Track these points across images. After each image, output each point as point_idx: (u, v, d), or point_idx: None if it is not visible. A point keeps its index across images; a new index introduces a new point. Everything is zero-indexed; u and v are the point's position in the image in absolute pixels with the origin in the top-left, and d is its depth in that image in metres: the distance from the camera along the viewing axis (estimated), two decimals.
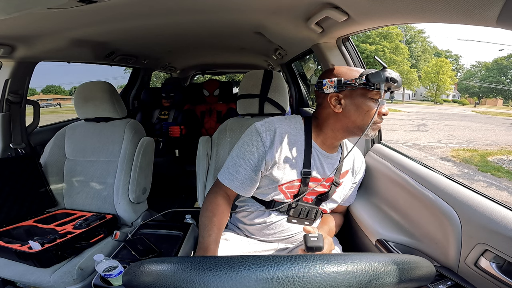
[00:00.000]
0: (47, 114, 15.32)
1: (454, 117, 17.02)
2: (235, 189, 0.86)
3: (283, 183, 0.85)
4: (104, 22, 1.14)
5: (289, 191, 0.87)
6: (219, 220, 0.82)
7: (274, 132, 0.83)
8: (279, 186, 0.85)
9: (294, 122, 0.88)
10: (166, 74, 3.91)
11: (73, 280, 0.98)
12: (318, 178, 0.87)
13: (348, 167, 0.95)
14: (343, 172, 0.93)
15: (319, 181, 0.87)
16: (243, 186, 0.85)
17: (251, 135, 0.85)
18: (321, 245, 0.75)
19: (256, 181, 0.85)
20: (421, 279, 0.40)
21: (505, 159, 7.33)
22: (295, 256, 0.36)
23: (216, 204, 0.85)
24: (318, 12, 0.87)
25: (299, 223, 0.91)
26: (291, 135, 0.85)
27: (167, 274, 0.34)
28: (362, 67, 1.19)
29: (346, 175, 0.94)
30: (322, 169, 0.87)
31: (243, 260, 0.35)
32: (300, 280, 0.33)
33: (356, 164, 0.98)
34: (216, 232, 0.79)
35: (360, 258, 0.37)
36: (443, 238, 0.73)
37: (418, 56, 33.03)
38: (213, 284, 0.32)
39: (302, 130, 0.86)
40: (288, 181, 0.84)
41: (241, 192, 0.86)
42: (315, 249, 0.75)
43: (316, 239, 0.76)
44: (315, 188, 0.88)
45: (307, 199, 0.91)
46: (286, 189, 0.86)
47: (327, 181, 0.88)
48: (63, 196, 1.38)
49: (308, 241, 0.75)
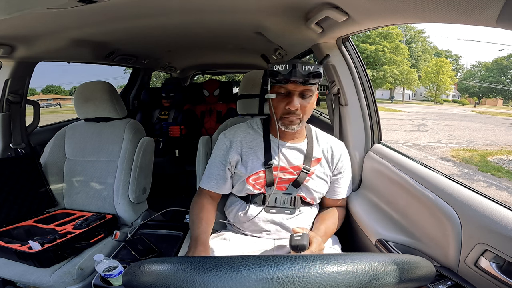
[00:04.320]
0: (47, 114, 15.31)
1: (454, 117, 17.02)
2: (211, 188, 0.96)
3: (249, 176, 0.94)
4: (104, 22, 1.14)
5: (257, 183, 0.94)
6: (206, 215, 0.92)
7: (233, 135, 0.98)
8: (246, 180, 0.94)
9: (254, 123, 1.02)
10: (166, 74, 3.91)
11: (73, 280, 0.98)
12: (283, 166, 0.94)
13: (319, 155, 0.98)
14: (314, 159, 0.96)
15: (285, 170, 0.94)
16: (218, 184, 0.96)
17: (218, 141, 1.00)
18: (304, 244, 0.76)
19: (227, 178, 0.96)
20: (421, 279, 0.40)
21: (505, 159, 7.33)
22: (295, 256, 0.36)
23: (201, 204, 0.95)
24: (318, 12, 0.87)
25: (278, 212, 0.95)
26: (250, 135, 0.97)
27: (167, 274, 0.34)
28: (362, 67, 1.19)
29: (318, 163, 0.97)
30: (285, 158, 0.94)
31: (243, 260, 0.35)
32: (300, 280, 0.33)
33: (333, 154, 0.99)
34: (204, 225, 0.88)
35: (360, 258, 0.37)
36: (443, 238, 0.73)
37: (418, 56, 33.03)
38: (213, 284, 0.32)
39: (260, 129, 0.99)
40: (253, 173, 0.93)
41: (217, 189, 0.96)
42: (298, 248, 0.76)
43: (300, 238, 0.77)
44: (283, 176, 0.94)
45: (280, 188, 0.95)
46: (253, 181, 0.94)
47: (294, 168, 0.94)
48: (63, 196, 1.38)
49: (292, 240, 0.78)
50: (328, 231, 0.96)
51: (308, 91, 0.85)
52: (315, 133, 1.02)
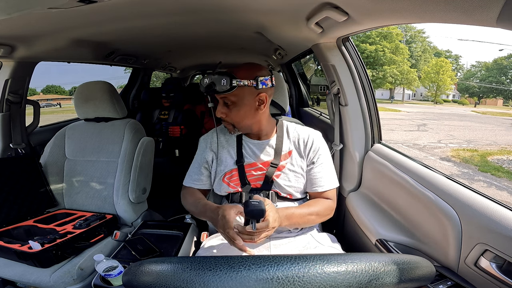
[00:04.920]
0: (47, 114, 15.32)
1: (454, 117, 17.02)
2: (190, 184, 1.02)
3: (223, 174, 0.98)
4: (104, 22, 1.14)
5: (232, 181, 0.97)
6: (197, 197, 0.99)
7: (211, 136, 1.04)
8: (222, 179, 0.98)
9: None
10: (166, 74, 3.91)
11: (73, 280, 0.98)
12: (253, 163, 0.97)
13: (290, 148, 0.98)
14: (284, 153, 0.97)
15: (255, 166, 0.97)
16: (194, 180, 1.02)
17: (198, 144, 1.07)
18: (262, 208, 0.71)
19: (202, 173, 1.01)
20: (421, 279, 0.40)
21: (505, 159, 7.33)
22: (295, 256, 0.36)
23: (186, 197, 1.01)
24: (318, 12, 0.87)
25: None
26: (226, 136, 1.03)
27: (167, 274, 0.34)
28: (362, 67, 1.19)
29: (289, 156, 0.97)
30: (255, 155, 0.97)
31: (243, 260, 0.35)
32: (300, 280, 0.33)
33: (305, 145, 0.97)
34: (203, 202, 0.94)
35: (360, 258, 0.37)
36: (443, 238, 0.73)
37: (418, 56, 33.03)
38: (213, 284, 0.32)
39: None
40: (227, 172, 0.97)
41: (194, 185, 1.02)
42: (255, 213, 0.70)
43: (257, 203, 0.71)
44: (254, 173, 0.96)
45: (255, 185, 0.97)
46: (228, 179, 0.98)
47: (264, 164, 0.96)
48: (63, 196, 1.38)
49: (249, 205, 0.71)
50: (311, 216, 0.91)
51: (226, 99, 0.88)
52: (286, 127, 1.02)
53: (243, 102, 0.88)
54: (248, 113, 0.90)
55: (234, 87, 0.83)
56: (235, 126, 0.93)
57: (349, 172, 1.25)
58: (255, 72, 0.87)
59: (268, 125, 0.98)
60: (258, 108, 0.90)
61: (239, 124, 0.92)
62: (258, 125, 0.95)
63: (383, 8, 0.69)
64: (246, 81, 0.85)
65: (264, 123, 0.97)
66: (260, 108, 0.91)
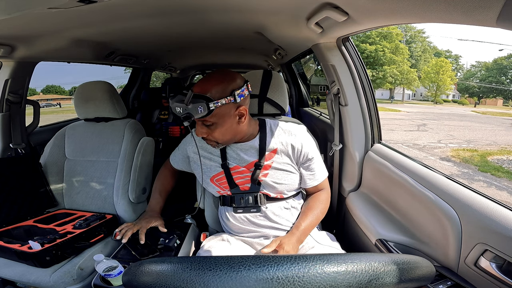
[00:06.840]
0: (47, 114, 15.32)
1: (454, 117, 17.02)
2: (172, 162, 1.15)
3: (212, 176, 1.01)
4: (104, 22, 1.14)
5: (221, 183, 1.00)
6: (160, 184, 1.17)
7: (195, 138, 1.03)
8: (210, 180, 1.01)
9: None
10: (166, 74, 3.91)
11: (73, 280, 0.98)
12: (237, 165, 0.98)
13: (275, 146, 0.97)
14: (269, 152, 0.97)
15: (239, 168, 0.98)
16: (176, 161, 1.14)
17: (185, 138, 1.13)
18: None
19: (183, 161, 1.11)
20: (421, 279, 0.40)
21: (505, 159, 7.33)
22: (295, 256, 0.36)
23: (162, 173, 1.20)
24: (318, 12, 0.87)
25: (246, 211, 0.99)
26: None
27: (167, 274, 0.34)
28: (362, 67, 1.19)
29: (275, 153, 0.97)
30: (239, 157, 0.98)
31: (243, 260, 0.35)
32: (300, 280, 0.33)
33: (292, 143, 0.96)
34: (157, 196, 1.14)
35: (360, 258, 0.37)
36: (443, 238, 0.73)
37: (418, 56, 33.04)
38: (213, 284, 0.32)
39: None
40: (214, 174, 1.00)
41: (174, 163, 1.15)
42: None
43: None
44: (239, 175, 0.98)
45: (244, 188, 0.99)
46: (217, 182, 1.00)
47: (249, 166, 0.97)
48: (63, 196, 1.38)
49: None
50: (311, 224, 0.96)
51: (205, 122, 0.85)
52: (270, 126, 1.00)
53: (224, 120, 0.85)
54: (230, 129, 0.88)
55: (212, 110, 0.79)
56: (218, 142, 0.91)
57: (349, 172, 1.25)
58: (229, 85, 0.82)
59: (250, 129, 0.96)
60: (239, 121, 0.88)
61: (222, 140, 0.90)
62: (241, 134, 0.94)
63: (383, 8, 0.69)
64: (223, 99, 0.80)
65: (246, 129, 0.94)
66: (241, 120, 0.88)
